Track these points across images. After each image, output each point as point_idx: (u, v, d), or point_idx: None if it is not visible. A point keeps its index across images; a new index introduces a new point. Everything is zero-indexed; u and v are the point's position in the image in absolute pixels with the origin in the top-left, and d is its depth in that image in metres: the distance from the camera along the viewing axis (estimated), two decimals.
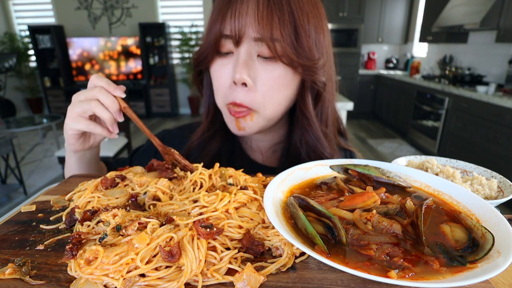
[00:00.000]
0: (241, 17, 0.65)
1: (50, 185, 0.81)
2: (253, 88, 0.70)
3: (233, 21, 0.66)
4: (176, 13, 7.17)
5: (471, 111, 3.88)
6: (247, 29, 0.65)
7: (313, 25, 0.69)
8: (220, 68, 0.73)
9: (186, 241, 0.45)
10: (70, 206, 0.59)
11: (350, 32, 6.39)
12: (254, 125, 0.76)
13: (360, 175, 0.64)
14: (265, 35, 0.64)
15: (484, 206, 0.51)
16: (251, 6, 0.64)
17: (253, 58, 0.69)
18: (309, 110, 0.78)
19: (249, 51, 0.68)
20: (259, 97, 0.72)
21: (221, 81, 0.73)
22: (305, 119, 0.80)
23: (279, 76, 0.70)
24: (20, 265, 0.45)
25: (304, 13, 0.67)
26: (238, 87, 0.70)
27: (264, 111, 0.74)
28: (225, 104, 0.75)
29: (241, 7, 0.65)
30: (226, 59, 0.72)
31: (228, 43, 0.69)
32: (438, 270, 0.40)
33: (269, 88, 0.71)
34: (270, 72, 0.70)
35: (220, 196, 0.54)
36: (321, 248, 0.43)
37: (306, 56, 0.69)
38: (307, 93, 0.77)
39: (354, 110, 3.53)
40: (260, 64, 0.70)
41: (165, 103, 7.38)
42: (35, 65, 7.25)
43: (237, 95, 0.71)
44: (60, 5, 7.05)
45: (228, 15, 0.66)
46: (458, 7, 4.48)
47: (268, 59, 0.69)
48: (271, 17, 0.64)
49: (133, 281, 0.42)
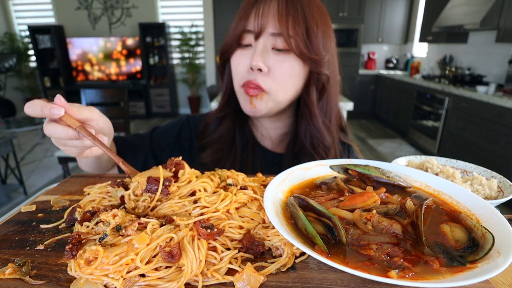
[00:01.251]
0: (264, 16, 0.80)
1: (50, 185, 0.81)
2: (267, 73, 0.83)
3: (257, 19, 0.81)
4: (176, 13, 7.16)
5: (471, 111, 3.87)
6: (268, 25, 0.80)
7: (321, 30, 0.83)
8: (240, 57, 0.86)
9: (187, 242, 0.45)
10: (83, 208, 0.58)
11: (350, 32, 6.38)
12: (263, 104, 0.87)
13: (360, 175, 0.64)
14: (283, 31, 0.79)
15: (484, 206, 0.51)
16: (272, 9, 0.80)
17: (268, 49, 0.82)
18: (312, 102, 0.90)
19: (265, 43, 0.82)
20: (271, 82, 0.84)
21: (240, 67, 0.86)
22: (308, 110, 0.91)
23: (290, 66, 0.83)
24: (20, 265, 0.45)
25: (314, 19, 0.82)
26: (254, 72, 0.83)
27: (275, 93, 0.86)
28: (241, 85, 0.87)
29: (264, 8, 0.80)
30: (246, 50, 0.85)
31: (249, 37, 0.84)
32: (438, 270, 0.40)
33: (280, 75, 0.83)
34: (282, 61, 0.83)
35: (222, 196, 0.54)
36: (321, 248, 0.43)
37: (314, 52, 0.83)
38: (312, 86, 0.89)
39: (354, 110, 3.53)
40: (274, 55, 0.83)
41: (165, 103, 7.38)
42: (35, 65, 7.24)
43: (253, 77, 0.84)
44: (60, 5, 7.05)
45: (252, 14, 0.81)
46: (458, 7, 4.48)
47: (281, 51, 0.82)
48: (288, 17, 0.79)
49: (133, 281, 0.42)
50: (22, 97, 7.50)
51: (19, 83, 7.37)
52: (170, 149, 1.02)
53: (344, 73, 0.95)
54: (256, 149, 0.99)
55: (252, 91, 0.85)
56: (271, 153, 1.01)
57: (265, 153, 1.00)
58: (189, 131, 1.05)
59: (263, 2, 0.81)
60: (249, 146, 0.99)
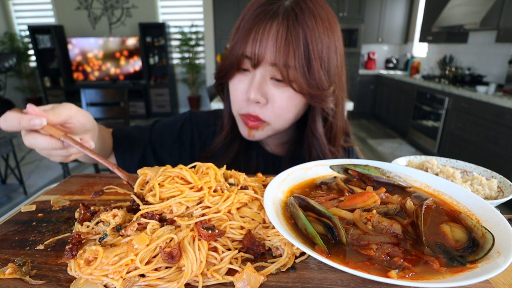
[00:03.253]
0: (262, 44, 0.72)
1: (50, 185, 0.81)
2: (265, 105, 0.79)
3: (254, 45, 0.73)
4: (176, 13, 7.16)
5: (471, 111, 3.87)
6: (266, 54, 0.73)
7: (327, 54, 0.75)
8: (238, 83, 0.81)
9: (187, 242, 0.45)
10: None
11: (350, 32, 6.38)
12: (263, 133, 0.86)
13: (360, 175, 0.64)
14: (280, 62, 0.72)
15: (484, 206, 0.51)
16: (271, 36, 0.72)
17: (266, 80, 0.77)
18: (319, 131, 0.86)
19: (264, 74, 0.76)
20: (270, 113, 0.80)
21: (238, 94, 0.82)
22: (315, 138, 0.87)
23: (289, 97, 0.78)
24: (20, 265, 0.45)
25: (319, 44, 0.73)
26: (252, 102, 0.79)
27: (275, 124, 0.83)
28: (239, 114, 0.85)
29: (263, 36, 0.72)
30: (244, 76, 0.80)
31: (247, 62, 0.77)
32: (438, 270, 0.40)
33: (279, 106, 0.79)
34: (282, 93, 0.77)
35: (225, 196, 0.53)
36: (321, 248, 0.43)
37: (316, 85, 0.76)
38: (317, 117, 0.85)
39: (354, 110, 3.54)
40: (273, 85, 0.77)
41: (165, 103, 7.38)
42: (35, 65, 7.24)
43: (252, 109, 0.80)
44: (60, 5, 7.05)
45: (250, 39, 0.74)
46: (458, 7, 4.48)
47: (281, 82, 0.77)
48: (287, 48, 0.71)
49: (133, 281, 0.42)
50: (22, 97, 7.50)
51: (19, 83, 7.37)
52: (170, 144, 1.00)
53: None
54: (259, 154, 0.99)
55: (251, 123, 0.82)
56: (271, 156, 1.00)
57: (266, 155, 1.00)
58: (191, 128, 1.02)
59: (262, 27, 0.72)
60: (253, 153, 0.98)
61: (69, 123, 0.62)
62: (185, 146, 1.01)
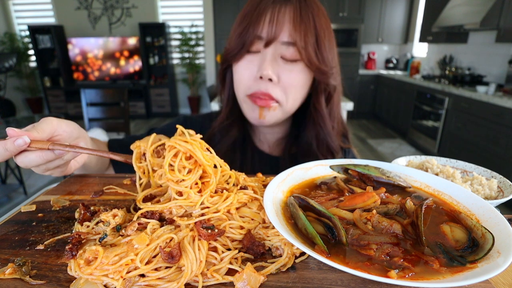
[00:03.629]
0: (279, 23, 0.77)
1: (50, 185, 0.81)
2: (276, 83, 0.82)
3: (271, 25, 0.77)
4: (176, 13, 7.16)
5: (471, 111, 3.87)
6: (282, 33, 0.78)
7: (327, 40, 0.83)
8: (247, 63, 0.83)
9: (187, 242, 0.45)
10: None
11: (350, 32, 6.38)
12: (273, 116, 0.87)
13: (360, 175, 0.64)
14: (297, 40, 0.78)
15: (484, 206, 0.51)
16: (288, 14, 0.78)
17: (277, 58, 0.80)
18: (322, 108, 0.90)
19: (274, 53, 0.80)
20: (281, 92, 0.83)
21: (246, 74, 0.84)
22: (319, 116, 0.91)
23: (297, 75, 0.82)
24: (20, 265, 0.45)
25: (323, 29, 0.81)
26: (264, 81, 0.81)
27: (285, 104, 0.85)
28: (246, 95, 0.85)
29: (279, 16, 0.78)
30: (254, 56, 0.82)
31: (258, 43, 0.81)
32: (438, 270, 0.40)
33: (290, 85, 0.82)
34: (291, 71, 0.81)
35: (225, 196, 0.53)
36: (321, 248, 0.43)
37: (324, 62, 0.83)
38: (321, 94, 0.89)
39: (354, 110, 3.53)
40: (283, 64, 0.81)
41: (165, 103, 7.37)
42: (35, 65, 7.24)
43: (263, 86, 0.82)
44: (60, 5, 7.05)
45: (266, 20, 0.78)
46: (458, 7, 4.48)
47: (289, 61, 0.81)
48: (302, 27, 0.77)
49: (133, 281, 0.42)
50: (22, 97, 7.50)
51: (19, 83, 7.36)
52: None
53: (344, 73, 0.95)
54: (254, 153, 1.00)
55: (262, 101, 0.83)
56: (268, 156, 1.01)
57: (262, 157, 1.01)
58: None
59: (278, 8, 0.77)
60: (248, 150, 0.99)
61: (56, 136, 0.61)
62: None
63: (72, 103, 7.13)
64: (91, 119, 3.35)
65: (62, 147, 0.56)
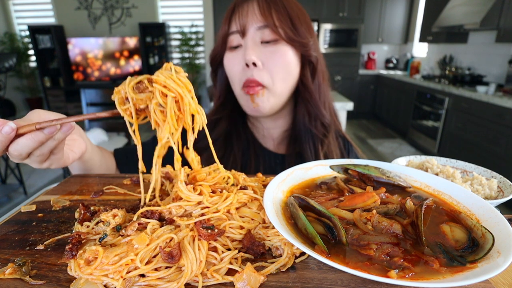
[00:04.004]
0: (244, 15, 0.83)
1: (50, 185, 0.81)
2: (261, 68, 0.85)
3: (237, 20, 0.84)
4: (176, 13, 7.15)
5: (471, 111, 3.87)
6: (252, 21, 0.83)
7: (303, 20, 0.88)
8: (232, 58, 0.89)
9: (187, 242, 0.45)
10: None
11: (350, 32, 6.37)
12: (265, 100, 0.89)
13: (360, 175, 0.64)
14: (268, 22, 0.83)
15: (484, 206, 0.51)
16: (252, 7, 0.84)
17: (257, 43, 0.85)
18: (309, 82, 0.94)
19: (253, 38, 0.85)
20: (267, 75, 0.86)
21: (235, 68, 0.88)
22: (307, 91, 0.94)
23: (281, 54, 0.86)
24: (20, 265, 0.45)
25: (294, 11, 0.87)
26: (249, 69, 0.85)
27: (273, 86, 0.88)
28: (242, 87, 0.89)
29: (243, 10, 0.84)
30: (236, 52, 0.88)
31: (236, 38, 0.86)
32: (438, 270, 0.40)
33: (275, 65, 0.86)
34: (273, 52, 0.85)
35: (224, 196, 0.53)
36: (321, 248, 0.43)
37: (301, 36, 0.87)
38: (306, 68, 0.93)
39: (354, 110, 3.53)
40: (265, 47, 0.85)
41: None
42: (35, 65, 7.23)
43: (250, 73, 0.86)
44: (60, 5, 7.04)
45: (232, 17, 0.85)
46: (458, 7, 4.48)
47: (271, 43, 0.85)
48: (270, 10, 0.83)
49: (133, 281, 0.42)
50: (22, 97, 7.49)
51: (19, 83, 7.36)
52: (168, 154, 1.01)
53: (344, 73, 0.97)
54: (258, 152, 1.00)
55: (251, 89, 0.86)
56: (274, 154, 1.01)
57: (268, 155, 1.01)
58: None
59: (242, 4, 0.85)
60: (251, 149, 0.99)
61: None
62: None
63: (72, 103, 7.12)
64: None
65: (48, 122, 0.53)
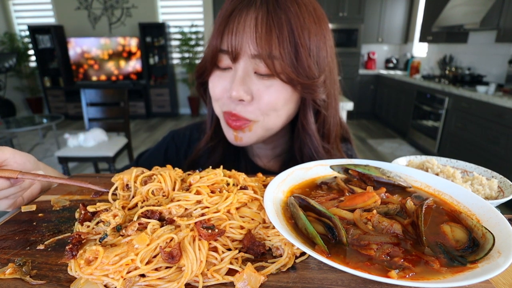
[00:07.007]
0: (238, 34, 0.64)
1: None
2: (250, 102, 0.70)
3: (230, 37, 0.65)
4: (176, 13, 7.16)
5: (471, 111, 3.87)
6: (244, 46, 0.65)
7: (315, 42, 0.68)
8: (218, 80, 0.72)
9: (187, 242, 0.45)
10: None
11: (350, 32, 6.38)
12: (252, 135, 0.75)
13: (361, 175, 0.64)
14: (263, 53, 0.64)
15: (484, 206, 0.51)
16: (249, 24, 0.64)
17: (250, 74, 0.68)
18: (311, 127, 0.78)
19: (246, 68, 0.67)
20: (257, 111, 0.71)
21: (218, 92, 0.73)
22: (307, 134, 0.79)
23: (277, 91, 0.69)
24: (20, 265, 0.45)
25: (305, 30, 0.66)
26: (235, 102, 0.71)
27: (264, 121, 0.74)
28: (222, 111, 0.75)
29: (239, 25, 0.65)
30: (225, 73, 0.72)
31: (226, 58, 0.69)
32: (438, 270, 0.40)
33: (267, 102, 0.70)
34: (268, 86, 0.69)
35: (225, 196, 0.53)
36: (322, 248, 0.43)
37: (305, 75, 0.68)
38: (309, 110, 0.76)
39: (354, 110, 3.53)
40: (258, 80, 0.69)
41: (165, 103, 7.38)
42: (35, 65, 7.24)
43: (235, 107, 0.71)
44: (60, 5, 7.05)
45: (226, 31, 0.66)
46: (458, 7, 4.48)
47: (266, 76, 0.69)
48: (270, 35, 0.63)
49: (133, 281, 0.42)
50: (22, 97, 7.50)
51: (19, 83, 7.37)
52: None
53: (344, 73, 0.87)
54: (249, 169, 0.90)
55: (234, 123, 0.73)
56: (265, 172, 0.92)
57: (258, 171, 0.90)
58: (175, 150, 0.97)
59: (238, 15, 0.65)
60: (242, 165, 0.91)
61: (4, 166, 0.59)
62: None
63: (72, 103, 7.13)
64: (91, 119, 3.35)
65: (32, 176, 0.55)
